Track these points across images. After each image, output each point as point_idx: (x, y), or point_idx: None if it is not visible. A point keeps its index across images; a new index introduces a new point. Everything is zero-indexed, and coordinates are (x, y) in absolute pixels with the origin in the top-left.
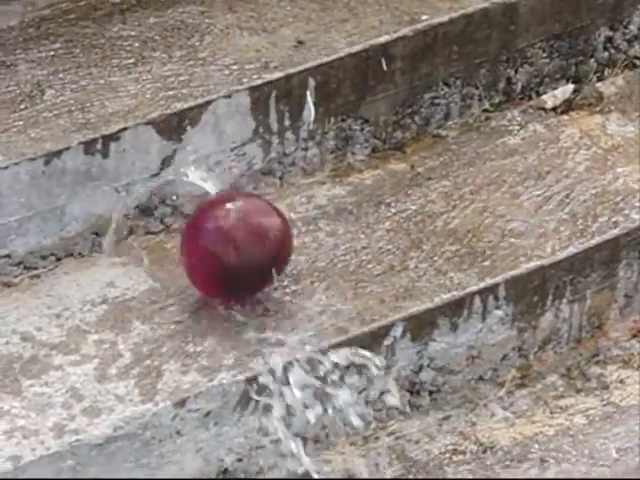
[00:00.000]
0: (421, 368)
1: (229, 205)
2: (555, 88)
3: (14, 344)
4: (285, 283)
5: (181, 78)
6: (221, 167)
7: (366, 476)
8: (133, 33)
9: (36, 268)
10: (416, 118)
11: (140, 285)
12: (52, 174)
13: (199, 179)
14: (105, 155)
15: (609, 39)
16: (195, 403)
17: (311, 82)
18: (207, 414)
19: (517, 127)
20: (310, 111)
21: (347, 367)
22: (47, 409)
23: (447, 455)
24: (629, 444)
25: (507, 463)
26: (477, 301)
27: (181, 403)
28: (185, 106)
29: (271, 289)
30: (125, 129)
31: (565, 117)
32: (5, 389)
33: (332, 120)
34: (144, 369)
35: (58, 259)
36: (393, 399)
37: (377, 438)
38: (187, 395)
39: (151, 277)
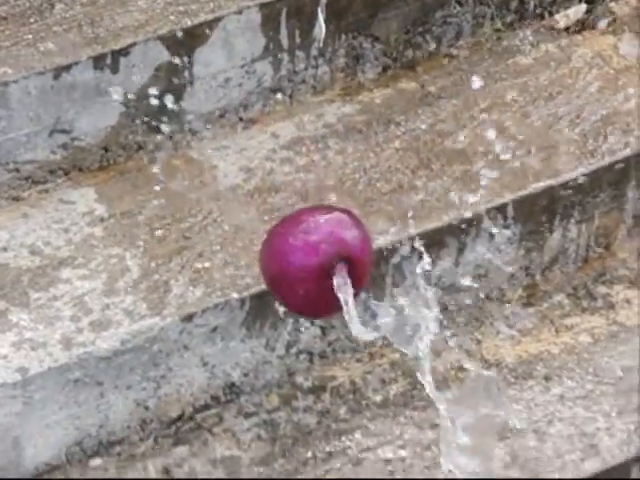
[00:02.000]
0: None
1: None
2: (568, 8)
3: (23, 257)
4: (292, 200)
5: None
6: (230, 84)
7: (370, 391)
8: None
9: (45, 182)
10: (427, 37)
11: (149, 201)
12: (61, 88)
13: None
14: (114, 70)
15: None
16: (202, 318)
17: None
18: (214, 329)
19: (529, 47)
20: (321, 28)
21: None
22: (55, 322)
23: (453, 372)
24: (633, 363)
25: (512, 380)
26: (485, 220)
27: (188, 318)
28: (195, 22)
29: (282, 208)
30: (135, 44)
31: (577, 37)
32: (14, 301)
33: (343, 38)
34: (152, 284)
35: (66, 173)
36: None
37: (382, 355)
38: (194, 310)
39: (160, 192)
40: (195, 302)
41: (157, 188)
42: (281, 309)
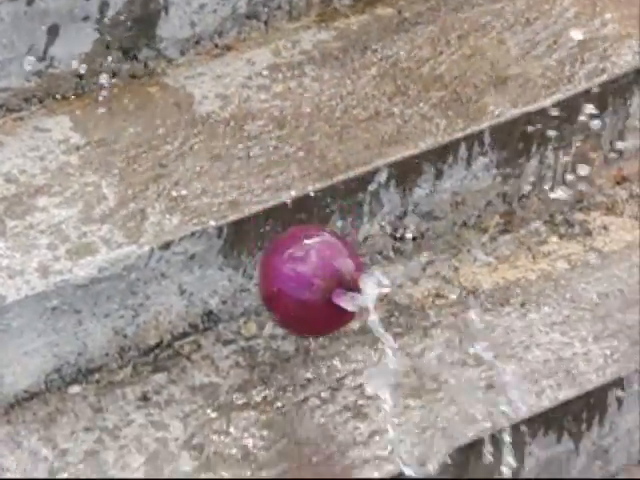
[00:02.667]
0: (405, 214)
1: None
2: None
3: None
4: (269, 128)
5: None
6: (205, 10)
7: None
8: None
9: (19, 110)
10: None
11: (124, 128)
12: (34, 15)
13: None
14: None
15: None
16: (179, 246)
17: None
18: (191, 257)
19: None
20: None
21: (332, 211)
22: (32, 250)
23: (430, 299)
24: (610, 288)
25: (489, 307)
26: (462, 147)
27: (165, 246)
28: None
29: (258, 135)
30: None
31: None
32: None
33: None
34: (129, 212)
35: (41, 101)
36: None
37: None
38: (171, 238)
39: (135, 120)
40: (172, 230)
41: (132, 116)
42: (258, 238)
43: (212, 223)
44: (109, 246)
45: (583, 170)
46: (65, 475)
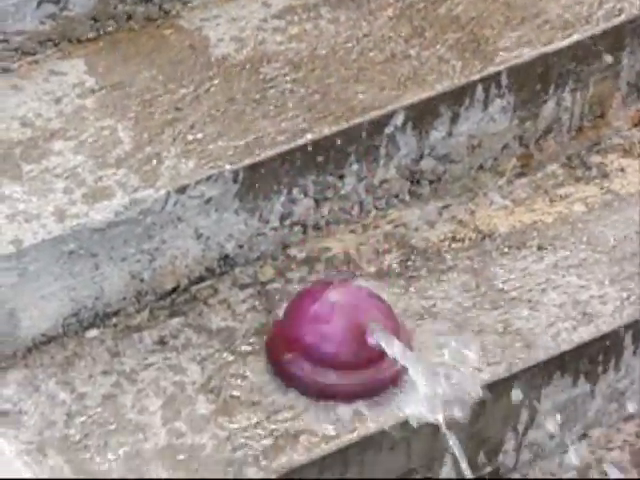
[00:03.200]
0: (422, 157)
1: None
2: None
3: (14, 130)
4: (284, 70)
5: None
6: None
7: (365, 262)
8: None
9: (34, 54)
10: None
11: (140, 72)
12: None
13: None
14: None
15: None
16: (195, 190)
17: None
18: (207, 201)
19: None
20: None
21: (348, 154)
22: (48, 194)
23: (446, 242)
24: (627, 231)
25: (505, 250)
26: (479, 89)
27: (181, 189)
28: None
29: (274, 78)
30: None
31: None
32: (5, 174)
33: None
34: (144, 155)
35: (56, 45)
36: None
37: (376, 226)
38: (187, 182)
39: (150, 63)
40: (188, 174)
41: (147, 59)
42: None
43: (228, 167)
44: (125, 190)
45: (600, 112)
46: (83, 418)
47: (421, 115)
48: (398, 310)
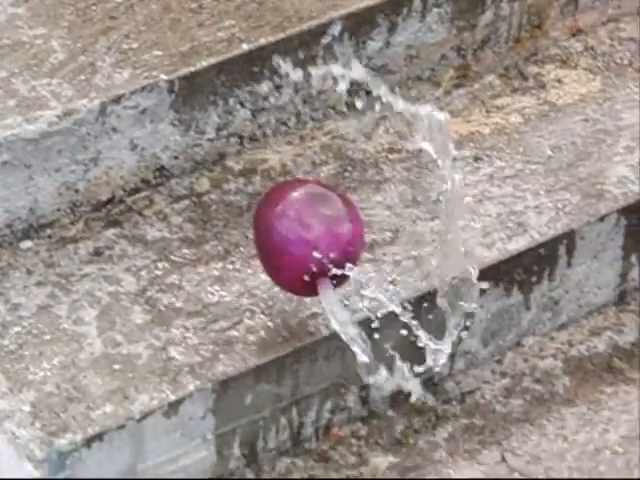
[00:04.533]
0: None
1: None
2: None
3: None
4: None
5: None
6: None
7: (301, 173)
8: None
9: None
10: None
11: None
12: None
13: None
14: None
15: None
16: (130, 100)
17: None
18: (142, 111)
19: None
20: None
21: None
22: None
23: (383, 154)
24: (563, 142)
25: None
26: None
27: (116, 100)
28: None
29: None
30: None
31: None
32: None
33: None
34: (78, 65)
35: None
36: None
37: (313, 138)
38: (122, 92)
39: None
40: (122, 84)
41: None
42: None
43: (163, 77)
44: (59, 100)
45: (538, 22)
46: (18, 329)
47: (358, 25)
48: None
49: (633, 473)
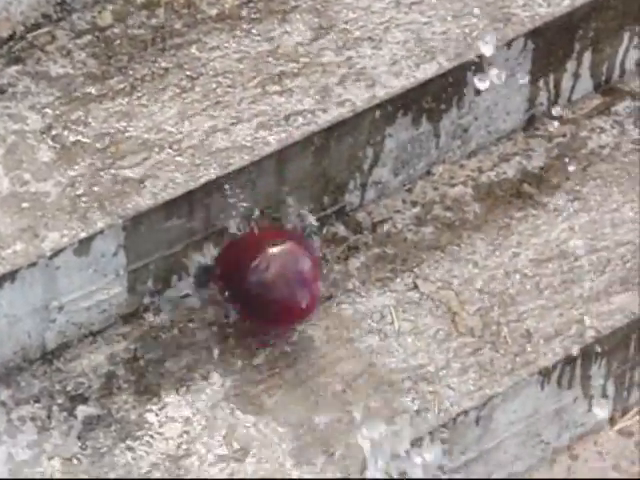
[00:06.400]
0: None
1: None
2: None
3: None
4: None
5: None
6: None
7: (206, 5)
8: None
9: None
10: None
11: None
12: None
13: None
14: None
15: None
16: None
17: None
18: None
19: None
20: None
21: None
22: None
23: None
24: None
25: None
26: None
27: None
28: None
29: None
30: None
31: None
32: None
33: None
34: None
35: None
36: None
37: None
38: None
39: None
40: None
41: None
42: None
43: None
44: None
45: None
46: None
47: None
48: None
49: (543, 294)
